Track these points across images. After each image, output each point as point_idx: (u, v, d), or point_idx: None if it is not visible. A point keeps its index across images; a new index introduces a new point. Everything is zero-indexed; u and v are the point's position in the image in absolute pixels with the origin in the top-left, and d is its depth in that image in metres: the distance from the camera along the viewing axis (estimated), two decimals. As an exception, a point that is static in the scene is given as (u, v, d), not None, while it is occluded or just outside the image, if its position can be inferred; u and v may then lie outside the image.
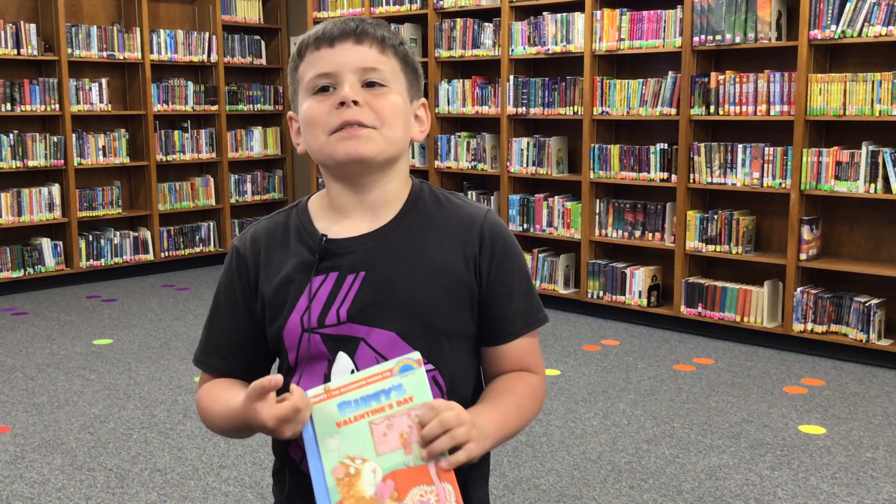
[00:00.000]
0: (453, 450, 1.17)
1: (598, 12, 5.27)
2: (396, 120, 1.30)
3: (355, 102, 1.27)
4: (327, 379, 1.29)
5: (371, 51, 1.30)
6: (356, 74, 1.28)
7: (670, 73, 5.07)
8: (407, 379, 1.18)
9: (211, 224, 7.30)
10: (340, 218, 1.35)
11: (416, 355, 1.20)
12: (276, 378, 1.19)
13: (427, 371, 1.23)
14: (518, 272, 1.37)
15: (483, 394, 1.35)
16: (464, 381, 1.35)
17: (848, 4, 4.37)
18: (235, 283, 1.38)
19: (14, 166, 6.13)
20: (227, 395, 1.33)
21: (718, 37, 4.82)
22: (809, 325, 4.65)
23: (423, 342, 1.29)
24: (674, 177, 5.09)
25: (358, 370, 1.27)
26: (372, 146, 1.27)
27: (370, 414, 1.17)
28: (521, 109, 5.71)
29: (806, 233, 4.65)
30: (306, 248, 1.33)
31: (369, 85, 1.29)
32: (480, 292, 1.34)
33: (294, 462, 1.35)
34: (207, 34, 7.12)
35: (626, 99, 5.24)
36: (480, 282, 1.34)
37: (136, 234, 6.81)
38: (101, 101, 6.55)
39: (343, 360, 1.29)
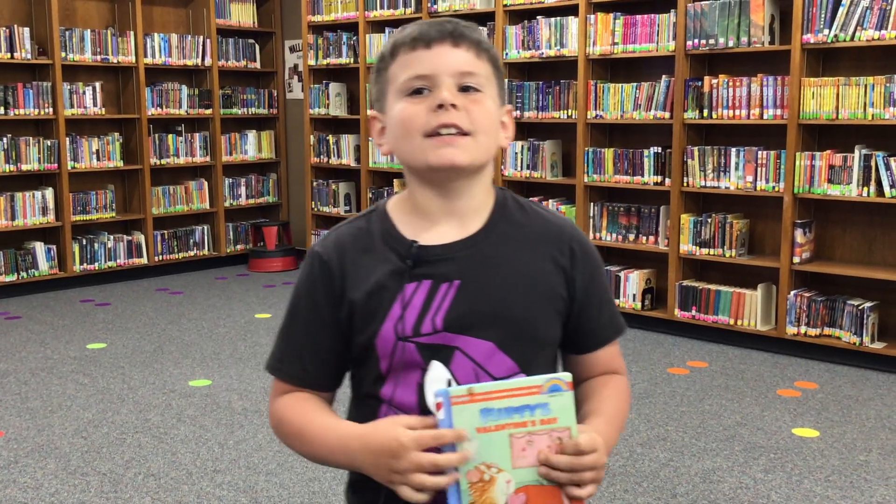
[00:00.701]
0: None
1: (592, 16, 5.28)
2: (490, 126, 1.30)
3: (454, 106, 1.25)
4: (421, 388, 1.27)
5: (468, 54, 1.28)
6: (453, 78, 1.27)
7: (664, 76, 5.09)
8: (554, 399, 1.18)
9: (205, 228, 7.29)
10: (427, 224, 1.32)
11: (567, 377, 1.19)
12: (459, 432, 1.15)
13: None
14: (604, 283, 1.41)
15: (588, 402, 1.36)
16: None
17: (840, 9, 4.39)
18: (318, 290, 1.34)
19: (7, 170, 6.12)
20: (328, 419, 1.30)
21: (712, 41, 4.84)
22: (803, 329, 4.66)
23: (520, 352, 1.29)
24: (667, 180, 5.10)
25: (455, 379, 1.26)
26: (467, 155, 1.26)
27: (512, 426, 1.16)
28: (516, 113, 5.72)
29: (799, 236, 4.66)
30: (395, 255, 1.31)
31: (464, 89, 1.27)
32: (572, 304, 1.35)
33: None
34: (201, 38, 7.11)
35: (620, 103, 5.25)
36: (573, 294, 1.35)
37: (129, 237, 6.80)
38: (94, 105, 6.54)
39: (438, 369, 1.27)
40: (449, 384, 1.25)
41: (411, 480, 1.14)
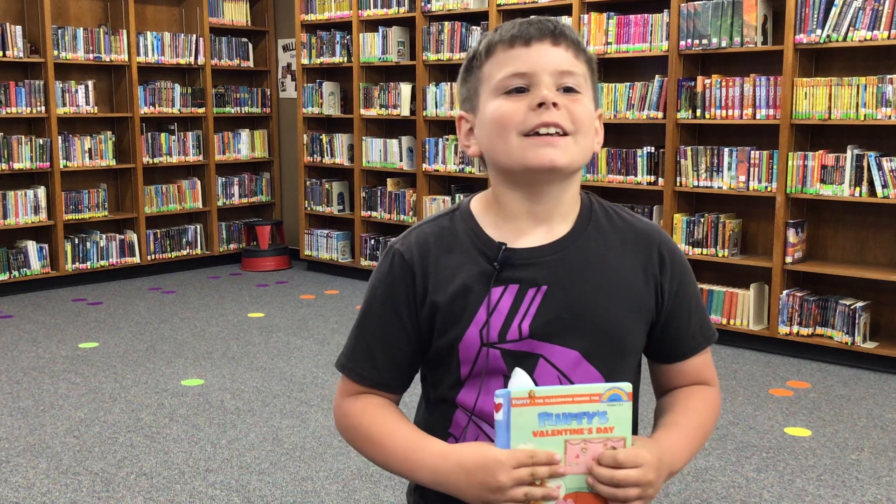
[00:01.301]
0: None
1: (586, 16, 5.29)
2: (589, 128, 1.26)
3: (555, 105, 1.21)
4: None
5: (567, 54, 1.25)
6: (552, 77, 1.23)
7: (657, 76, 5.09)
8: (613, 409, 1.17)
9: (198, 227, 7.28)
10: (513, 227, 1.28)
11: (628, 387, 1.17)
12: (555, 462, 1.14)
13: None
14: (695, 289, 1.37)
15: (669, 413, 1.34)
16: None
17: (833, 9, 4.40)
18: (398, 290, 1.29)
19: (-1, 169, 6.11)
20: (412, 433, 1.27)
21: (705, 41, 4.85)
22: (795, 328, 4.67)
23: (606, 362, 1.27)
24: (660, 180, 5.11)
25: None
26: (567, 155, 1.22)
27: (569, 433, 1.15)
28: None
29: (792, 236, 4.67)
30: (483, 257, 1.27)
31: (565, 90, 1.24)
32: (660, 311, 1.32)
33: None
34: (194, 36, 7.10)
35: (614, 102, 5.26)
36: (662, 301, 1.32)
37: (122, 236, 6.78)
38: (87, 104, 6.53)
39: (521, 377, 1.23)
40: None
41: (513, 495, 1.12)
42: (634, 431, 1.26)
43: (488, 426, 1.26)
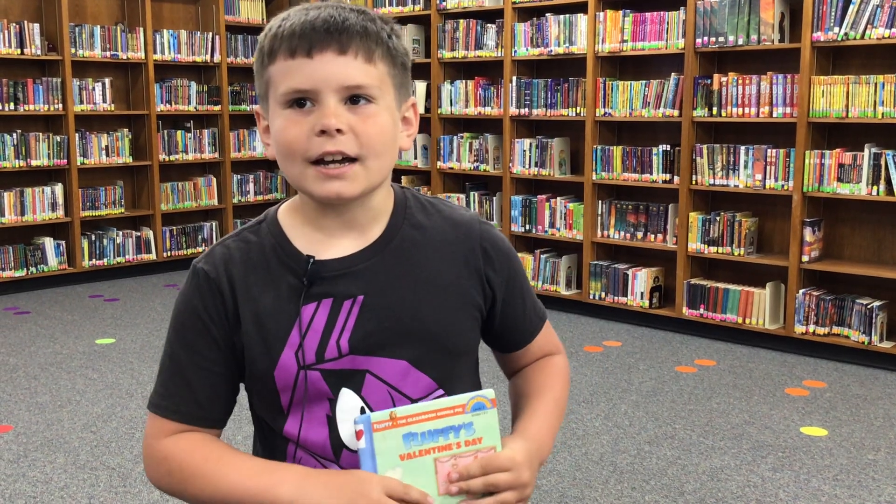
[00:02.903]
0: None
1: (601, 14, 5.28)
2: (384, 145, 1.14)
3: (339, 131, 1.09)
4: (331, 422, 1.16)
5: (356, 62, 1.10)
6: (339, 93, 1.10)
7: (673, 74, 5.08)
8: (479, 418, 1.13)
9: (213, 224, 7.31)
10: (323, 236, 1.19)
11: (491, 394, 1.14)
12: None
13: (438, 396, 1.18)
14: (522, 274, 1.32)
15: (524, 399, 1.30)
16: None
17: (851, 6, 4.38)
18: (209, 312, 1.18)
19: (17, 166, 6.14)
20: (259, 459, 1.17)
21: (721, 38, 4.83)
22: (811, 327, 4.65)
23: (438, 367, 1.19)
24: (676, 178, 5.10)
25: (368, 406, 1.16)
26: (356, 186, 1.12)
27: (436, 450, 1.10)
28: (524, 110, 5.72)
29: (808, 235, 4.65)
30: (291, 273, 1.17)
31: (353, 100, 1.11)
32: (492, 306, 1.26)
33: None
34: (210, 34, 7.13)
35: (629, 100, 5.25)
36: (493, 295, 1.26)
37: (138, 233, 6.82)
38: (104, 101, 6.56)
39: (348, 398, 1.16)
40: (363, 412, 1.15)
41: None
42: None
43: (316, 460, 1.17)
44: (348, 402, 1.15)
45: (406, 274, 1.19)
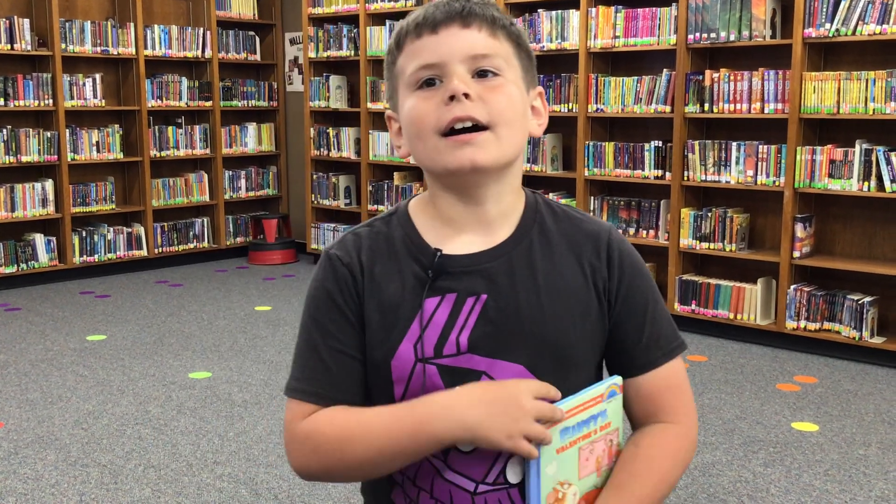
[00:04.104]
0: None
1: (593, 9, 5.27)
2: (514, 116, 1.14)
3: (466, 96, 1.10)
4: None
5: (481, 35, 1.13)
6: (465, 63, 1.12)
7: (665, 70, 5.08)
8: (611, 405, 1.15)
9: (205, 220, 7.29)
10: (451, 231, 1.18)
11: (619, 380, 1.15)
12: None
13: None
14: (652, 296, 1.23)
15: (618, 471, 1.18)
16: None
17: (842, 3, 4.38)
18: (343, 296, 1.18)
19: (7, 161, 6.12)
20: (388, 410, 1.13)
21: (713, 34, 4.83)
22: (802, 323, 4.66)
23: (553, 375, 1.14)
24: (668, 174, 5.10)
25: None
26: (488, 154, 1.11)
27: (581, 439, 1.12)
28: (516, 106, 5.71)
29: (799, 230, 4.66)
30: (418, 265, 1.17)
31: (481, 75, 1.13)
32: (610, 318, 1.21)
33: None
34: (202, 30, 7.10)
35: (621, 96, 5.25)
36: (610, 305, 1.20)
37: (129, 229, 6.80)
38: (94, 97, 6.53)
39: None
40: None
41: (534, 428, 1.06)
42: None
43: (424, 458, 1.15)
44: None
45: (530, 278, 1.17)
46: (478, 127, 1.11)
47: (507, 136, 1.14)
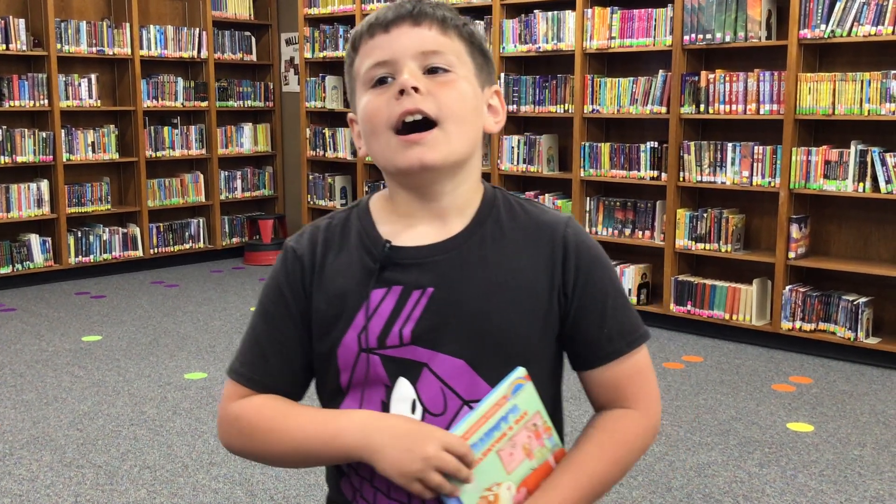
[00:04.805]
0: None
1: (589, 10, 5.28)
2: (464, 111, 1.16)
3: (416, 89, 1.12)
4: (385, 407, 1.17)
5: (431, 32, 1.15)
6: (416, 60, 1.14)
7: (661, 71, 5.09)
8: (520, 398, 1.14)
9: (200, 221, 7.28)
10: (406, 224, 1.20)
11: (523, 371, 1.14)
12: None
13: None
14: (613, 286, 1.23)
15: (569, 454, 1.21)
16: None
17: (837, 4, 4.39)
18: (290, 287, 1.22)
19: (2, 162, 6.11)
20: (313, 413, 1.18)
21: (709, 36, 4.84)
22: (798, 324, 4.67)
23: (496, 371, 1.15)
24: (664, 175, 5.11)
25: (420, 400, 1.16)
26: (437, 152, 1.13)
27: (497, 443, 1.13)
28: (512, 107, 5.72)
29: (795, 231, 4.67)
30: (369, 257, 1.19)
31: (432, 71, 1.15)
32: (567, 311, 1.20)
33: (346, 500, 1.22)
34: (197, 30, 7.10)
35: (617, 97, 5.25)
36: (567, 298, 1.19)
37: (125, 230, 6.79)
38: (90, 97, 6.52)
39: (403, 388, 1.16)
40: (413, 405, 1.16)
41: (431, 478, 1.08)
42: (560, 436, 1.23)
43: None
44: (403, 392, 1.16)
45: (481, 272, 1.17)
46: (428, 123, 1.13)
47: (457, 132, 1.15)
